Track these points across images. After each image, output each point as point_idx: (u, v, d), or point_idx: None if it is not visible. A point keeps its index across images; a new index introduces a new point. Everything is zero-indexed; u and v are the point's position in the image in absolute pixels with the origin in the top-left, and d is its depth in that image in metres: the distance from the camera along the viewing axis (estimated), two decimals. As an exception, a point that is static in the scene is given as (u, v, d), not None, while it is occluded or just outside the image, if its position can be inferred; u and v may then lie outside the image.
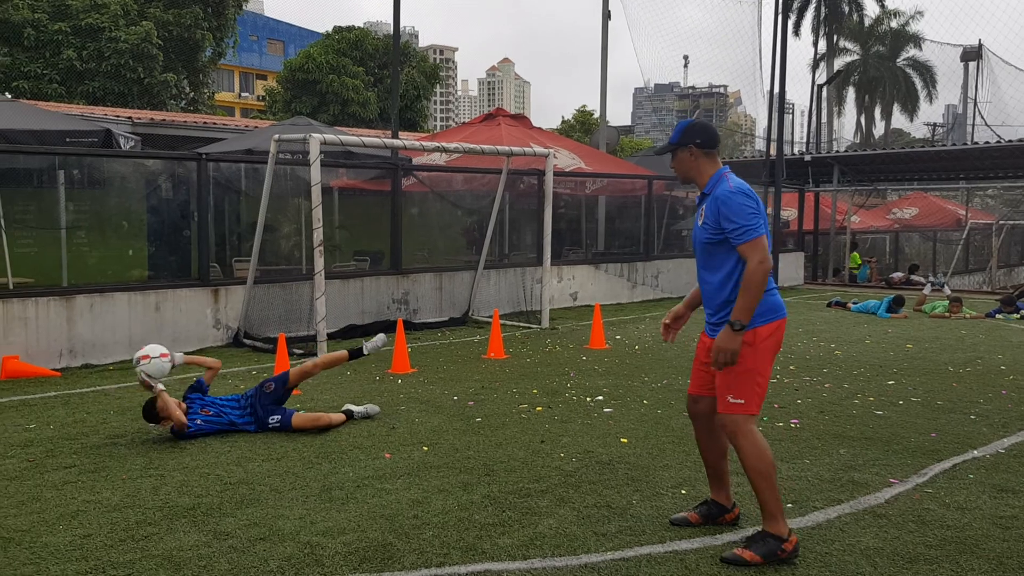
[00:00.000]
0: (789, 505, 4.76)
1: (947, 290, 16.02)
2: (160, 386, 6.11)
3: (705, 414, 4.39)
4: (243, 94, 62.98)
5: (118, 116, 17.52)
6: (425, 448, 5.92)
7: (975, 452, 5.87)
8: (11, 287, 9.50)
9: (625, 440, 6.13)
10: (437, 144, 12.42)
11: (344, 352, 6.91)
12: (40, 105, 15.73)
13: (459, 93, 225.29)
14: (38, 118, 11.03)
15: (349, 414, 6.63)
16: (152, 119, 18.52)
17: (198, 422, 6.23)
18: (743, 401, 4.05)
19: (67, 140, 10.27)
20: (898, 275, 21.60)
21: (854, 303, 15.04)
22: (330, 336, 10.19)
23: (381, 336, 6.81)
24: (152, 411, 6.12)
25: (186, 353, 9.77)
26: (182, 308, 9.98)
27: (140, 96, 27.15)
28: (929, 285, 17.07)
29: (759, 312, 4.02)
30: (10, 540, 4.26)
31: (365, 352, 6.87)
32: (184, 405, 6.26)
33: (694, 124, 4.34)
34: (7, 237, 9.99)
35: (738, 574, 3.90)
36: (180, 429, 6.06)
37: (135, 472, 5.38)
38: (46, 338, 8.94)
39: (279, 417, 6.37)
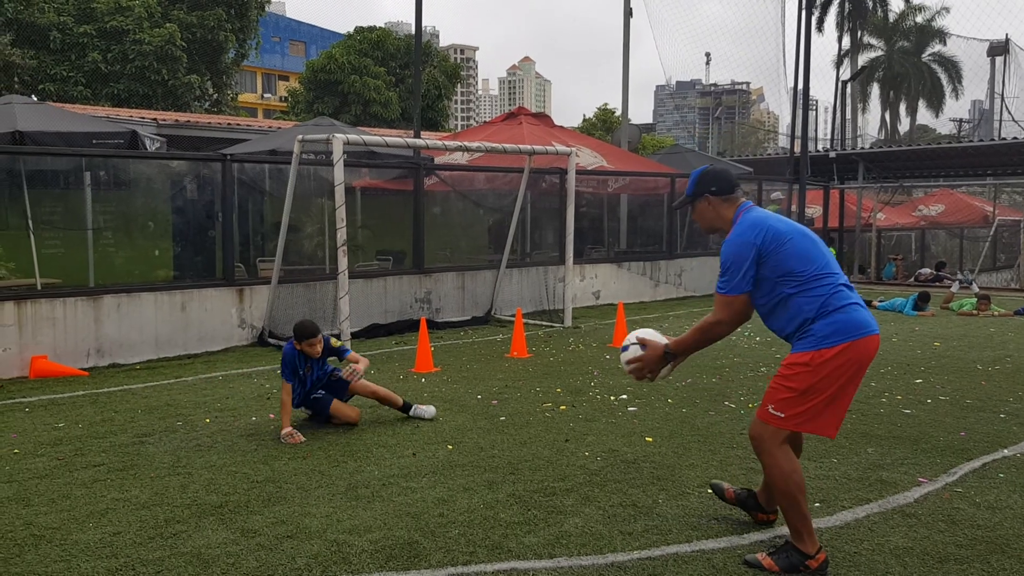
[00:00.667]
0: (817, 504, 4.72)
1: (975, 287, 15.83)
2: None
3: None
4: (265, 95, 63.35)
5: (143, 118, 17.68)
6: (450, 447, 5.92)
7: (1005, 451, 5.80)
8: (39, 287, 9.61)
9: (650, 439, 6.11)
10: (459, 143, 12.44)
11: (400, 400, 6.81)
12: (66, 107, 15.88)
13: (480, 92, 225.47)
14: (65, 120, 11.15)
15: (407, 407, 6.77)
16: (176, 120, 18.67)
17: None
18: (783, 416, 3.89)
19: (94, 142, 10.36)
20: (926, 271, 21.38)
21: (880, 301, 14.90)
22: (354, 335, 10.24)
23: (432, 409, 6.83)
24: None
25: (210, 352, 9.87)
26: (208, 308, 10.05)
27: (164, 98, 27.39)
28: (957, 283, 16.89)
29: (823, 334, 3.82)
30: (41, 537, 4.31)
31: (411, 413, 6.78)
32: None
33: (706, 172, 4.20)
34: (35, 238, 10.10)
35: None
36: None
37: (163, 470, 5.43)
38: (74, 338, 9.04)
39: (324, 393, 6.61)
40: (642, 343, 4.12)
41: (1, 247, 10.48)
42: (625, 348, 4.18)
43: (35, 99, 14.63)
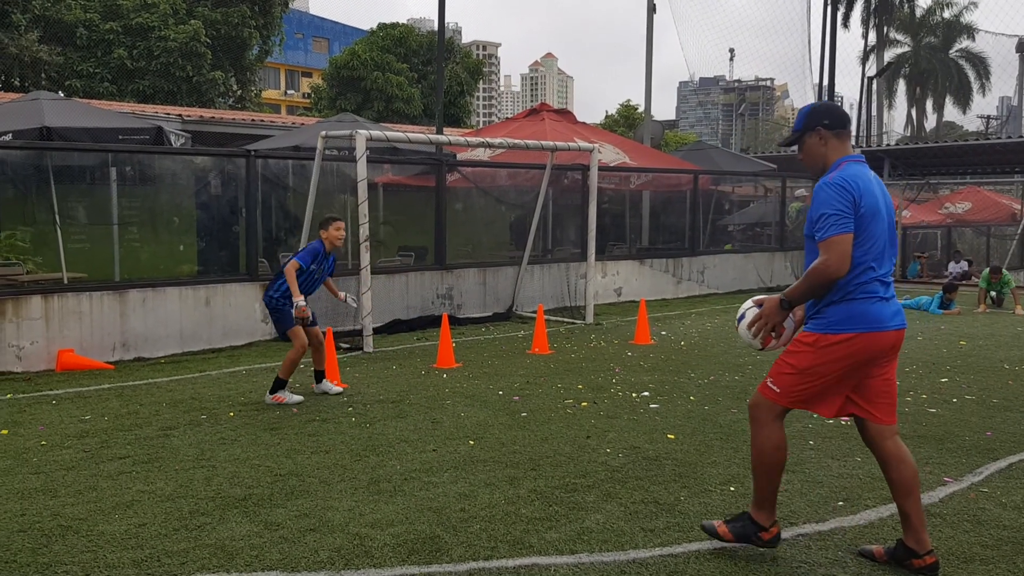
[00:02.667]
0: (840, 503, 4.69)
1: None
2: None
3: (872, 441, 3.97)
4: (288, 92, 63.69)
5: (168, 114, 17.82)
6: (471, 442, 5.94)
7: (1033, 451, 5.73)
8: (66, 282, 9.73)
9: (672, 436, 6.09)
10: (482, 139, 12.44)
11: (323, 367, 7.63)
12: (92, 103, 16.05)
13: (502, 89, 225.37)
14: (92, 116, 11.27)
15: (320, 377, 7.53)
16: (201, 116, 18.80)
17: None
18: (778, 390, 3.85)
19: (120, 137, 10.46)
20: (956, 268, 21.19)
21: (905, 299, 14.77)
22: (375, 331, 10.27)
23: (336, 388, 7.55)
24: None
25: (234, 347, 9.94)
26: (231, 303, 10.12)
27: (189, 94, 27.59)
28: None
29: (834, 319, 3.77)
30: (68, 528, 4.36)
31: (319, 384, 7.60)
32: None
33: (818, 106, 4.01)
34: (62, 233, 10.23)
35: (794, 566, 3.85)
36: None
37: (187, 463, 5.48)
38: (100, 332, 9.13)
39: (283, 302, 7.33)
40: (757, 303, 4.02)
41: (28, 242, 10.61)
42: (742, 316, 4.05)
43: (60, 95, 14.79)
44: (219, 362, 9.18)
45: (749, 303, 4.10)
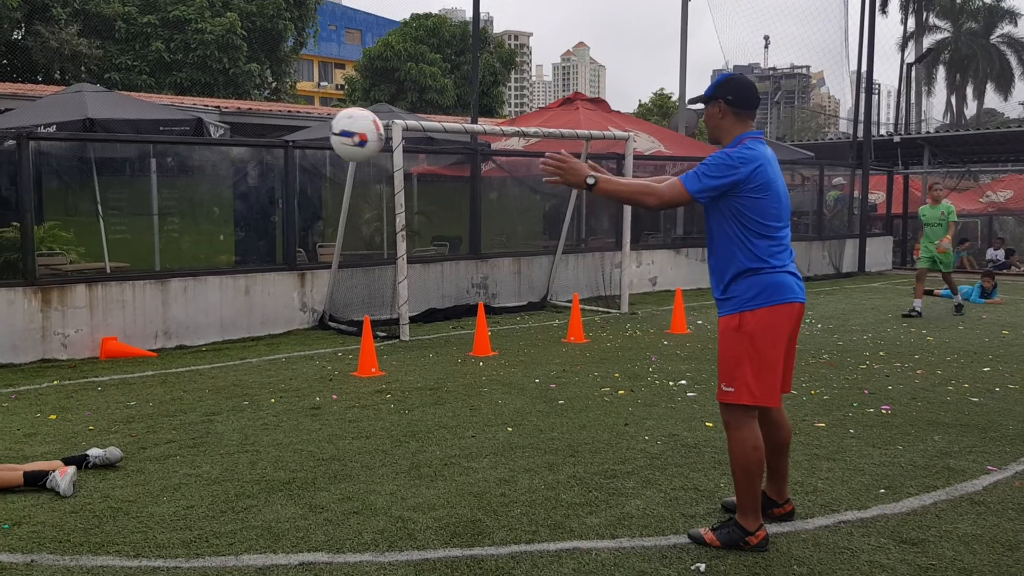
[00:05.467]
0: (882, 491, 4.67)
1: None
2: None
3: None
4: (322, 83, 64.08)
5: (206, 105, 18.03)
6: (509, 429, 5.98)
7: (1079, 441, 5.65)
8: (108, 271, 9.90)
9: (710, 424, 6.09)
10: (516, 129, 12.46)
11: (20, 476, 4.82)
12: (132, 96, 16.27)
13: (533, 79, 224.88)
14: (133, 107, 11.44)
15: (83, 461, 5.08)
16: (239, 108, 19.00)
17: None
18: (732, 390, 3.87)
19: (160, 129, 10.62)
20: (996, 254, 20.87)
21: (944, 289, 14.55)
22: (412, 319, 10.35)
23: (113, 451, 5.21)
24: None
25: (272, 335, 10.06)
26: (270, 292, 10.25)
27: (225, 86, 27.90)
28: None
29: (749, 296, 3.86)
30: (119, 510, 4.46)
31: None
32: None
33: (730, 78, 4.03)
34: (104, 223, 10.41)
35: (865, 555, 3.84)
36: None
37: (232, 448, 5.57)
38: (142, 320, 9.29)
39: None
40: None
41: (72, 232, 10.80)
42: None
43: (99, 88, 15.02)
44: (259, 350, 9.31)
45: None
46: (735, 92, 3.96)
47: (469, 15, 13.49)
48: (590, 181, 3.90)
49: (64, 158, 10.31)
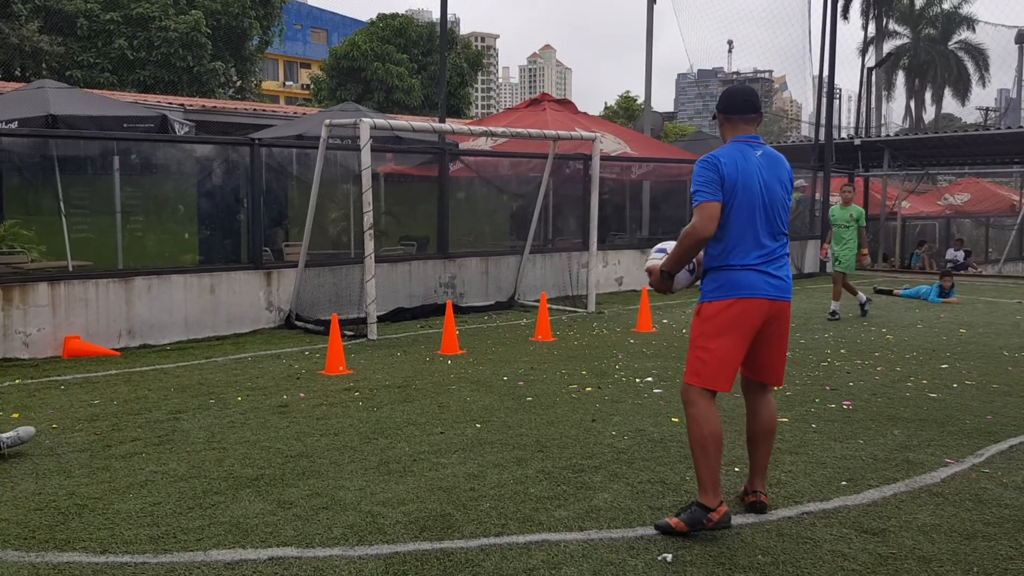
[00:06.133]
0: (844, 483, 4.77)
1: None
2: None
3: (749, 388, 4.47)
4: (287, 83, 63.61)
5: (171, 103, 17.85)
6: (478, 425, 6.01)
7: (1033, 434, 5.81)
8: (71, 269, 9.78)
9: (676, 420, 6.16)
10: (485, 128, 12.49)
11: None
12: (95, 93, 16.06)
13: (500, 80, 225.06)
14: (96, 104, 11.30)
15: None
16: (203, 106, 18.83)
17: None
18: (688, 371, 4.17)
19: (124, 126, 10.50)
20: (955, 255, 21.32)
21: (905, 289, 14.84)
22: (379, 319, 10.33)
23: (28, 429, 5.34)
24: None
25: (238, 334, 10.01)
26: (236, 290, 10.18)
27: (189, 84, 27.62)
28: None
29: (709, 288, 4.17)
30: (84, 507, 4.43)
31: None
32: None
33: (723, 93, 4.34)
34: (66, 221, 10.27)
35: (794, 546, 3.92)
36: None
37: (198, 445, 5.54)
38: (106, 319, 9.19)
39: None
40: (660, 252, 4.46)
41: (33, 230, 10.65)
42: (654, 254, 4.49)
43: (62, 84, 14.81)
44: (224, 349, 9.24)
45: (660, 248, 4.46)
46: (723, 100, 4.30)
47: (435, 16, 13.50)
48: (666, 277, 4.34)
49: (26, 155, 10.17)
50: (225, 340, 9.77)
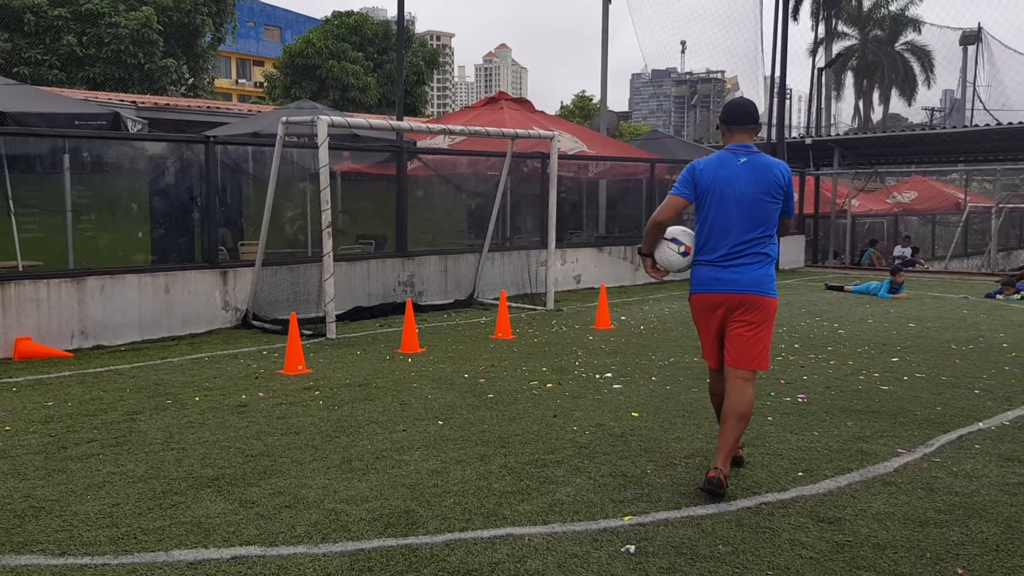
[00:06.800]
0: (800, 474, 4.87)
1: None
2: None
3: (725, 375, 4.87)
4: (240, 80, 62.85)
5: (122, 100, 17.53)
6: (440, 422, 6.02)
7: (980, 424, 5.98)
8: (21, 269, 9.57)
9: (636, 414, 6.23)
10: (443, 126, 12.47)
11: None
12: (43, 90, 15.71)
13: (456, 79, 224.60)
14: (47, 101, 11.07)
15: None
16: (156, 104, 18.54)
17: None
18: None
19: (76, 123, 10.30)
20: (903, 252, 21.78)
21: (855, 285, 15.14)
22: (338, 318, 10.28)
23: None
24: None
25: (194, 334, 9.90)
26: (191, 290, 10.05)
27: (140, 82, 27.14)
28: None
29: (691, 280, 4.84)
30: (40, 509, 4.35)
31: None
32: None
33: (725, 104, 4.97)
34: (15, 220, 10.03)
35: (764, 540, 4.00)
36: None
37: (156, 446, 5.48)
38: (58, 319, 9.02)
39: None
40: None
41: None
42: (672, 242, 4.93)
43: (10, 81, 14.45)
44: (180, 349, 9.13)
45: (673, 238, 4.88)
46: (724, 112, 4.83)
47: (390, 14, 13.42)
48: (641, 253, 5.03)
49: (-29, 153, 9.91)
50: (181, 340, 9.65)
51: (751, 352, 4.63)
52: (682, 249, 4.81)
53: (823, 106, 37.26)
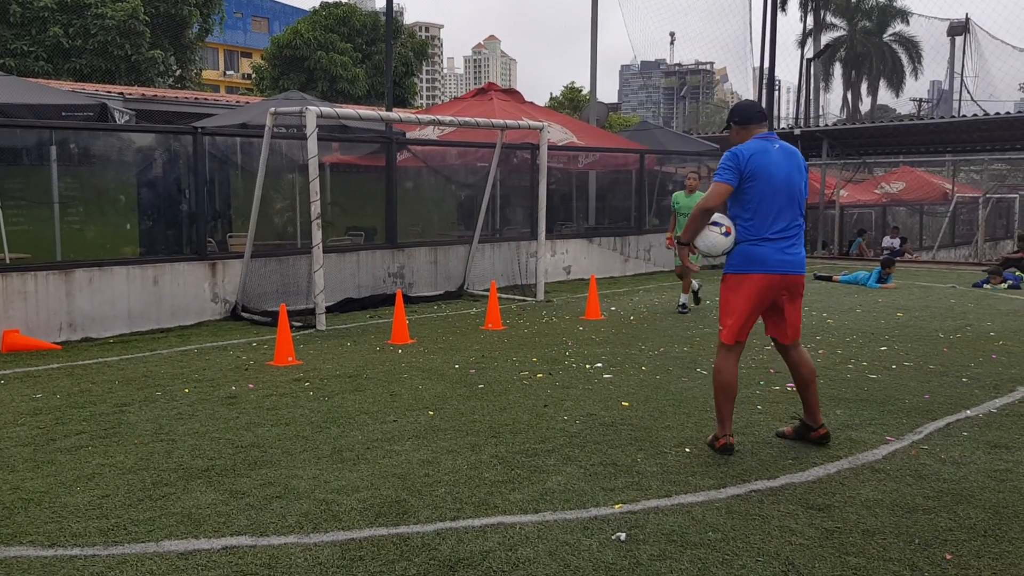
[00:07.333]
0: (789, 461, 4.89)
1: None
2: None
3: (782, 351, 5.19)
4: (228, 72, 62.55)
5: (109, 92, 17.43)
6: (431, 413, 6.02)
7: (968, 412, 6.02)
8: (8, 261, 9.51)
9: (626, 404, 6.25)
10: (432, 117, 12.45)
11: None
12: (31, 81, 15.60)
13: (445, 71, 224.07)
14: (33, 92, 10.99)
15: None
16: (143, 95, 18.42)
17: None
18: (721, 328, 5.03)
19: (63, 114, 10.23)
20: (891, 243, 21.87)
21: (843, 275, 15.20)
22: (328, 309, 10.26)
23: None
24: None
25: (183, 326, 9.87)
26: (180, 282, 10.01)
27: (127, 73, 26.97)
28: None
29: (732, 262, 5.01)
30: (30, 501, 4.34)
31: None
32: None
33: (734, 107, 5.31)
34: (2, 212, 9.97)
35: (736, 534, 4.02)
36: None
37: (146, 437, 5.46)
38: (46, 312, 8.98)
39: None
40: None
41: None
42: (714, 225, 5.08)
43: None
44: (169, 341, 9.10)
45: (715, 222, 5.02)
46: (739, 114, 5.19)
47: (379, 5, 13.37)
48: (680, 242, 5.22)
49: (-43, 144, 9.84)
50: (170, 332, 9.62)
51: (800, 325, 5.16)
52: (724, 230, 4.97)
53: (812, 97, 37.35)
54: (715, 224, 4.97)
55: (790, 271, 4.94)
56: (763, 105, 20.07)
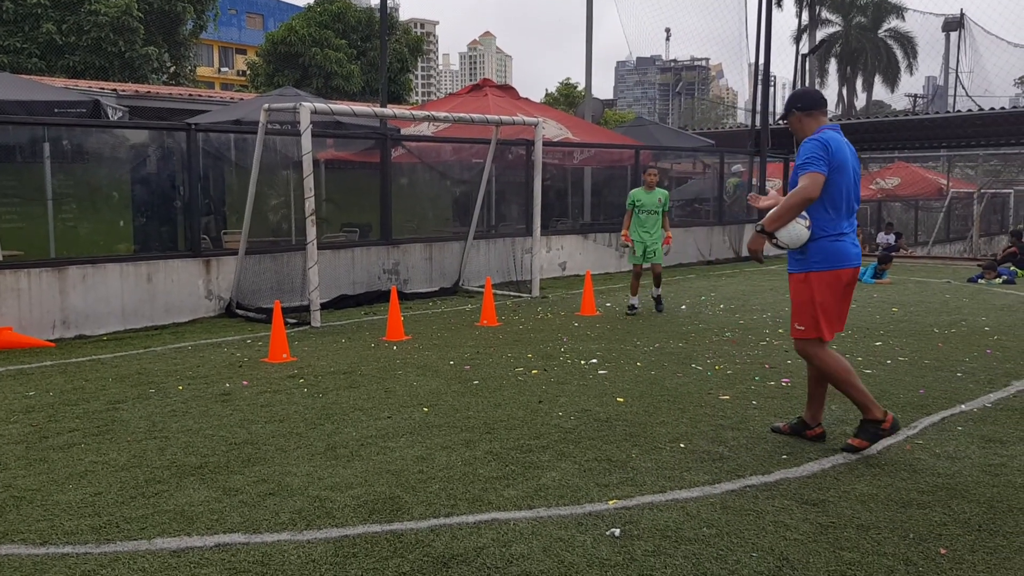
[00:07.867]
0: (784, 457, 4.89)
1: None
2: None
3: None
4: (222, 69, 62.34)
5: (103, 88, 17.36)
6: (425, 409, 6.00)
7: (963, 406, 6.02)
8: (1, 258, 9.47)
9: (621, 399, 6.24)
10: (427, 113, 12.42)
11: None
12: (23, 78, 15.53)
13: (440, 67, 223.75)
14: (26, 89, 10.95)
15: None
16: (137, 92, 18.36)
17: None
18: (804, 328, 4.95)
19: (55, 111, 10.20)
20: (885, 238, 21.90)
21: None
22: (323, 306, 10.23)
23: None
24: None
25: (177, 323, 9.85)
26: (174, 279, 9.98)
27: (121, 70, 26.87)
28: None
29: (815, 259, 4.87)
30: (22, 499, 4.32)
31: None
32: None
33: (795, 92, 5.20)
34: (-4, 209, 9.94)
35: (722, 522, 4.01)
36: None
37: (139, 435, 5.44)
38: (39, 309, 8.94)
39: None
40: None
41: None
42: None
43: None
44: (163, 338, 9.07)
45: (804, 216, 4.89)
46: (801, 100, 5.07)
47: (373, 1, 13.32)
48: (758, 229, 4.94)
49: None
50: (164, 329, 9.59)
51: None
52: (808, 223, 4.89)
53: (807, 93, 37.28)
54: (802, 216, 4.87)
55: (859, 264, 5.02)
56: (758, 101, 20.09)
